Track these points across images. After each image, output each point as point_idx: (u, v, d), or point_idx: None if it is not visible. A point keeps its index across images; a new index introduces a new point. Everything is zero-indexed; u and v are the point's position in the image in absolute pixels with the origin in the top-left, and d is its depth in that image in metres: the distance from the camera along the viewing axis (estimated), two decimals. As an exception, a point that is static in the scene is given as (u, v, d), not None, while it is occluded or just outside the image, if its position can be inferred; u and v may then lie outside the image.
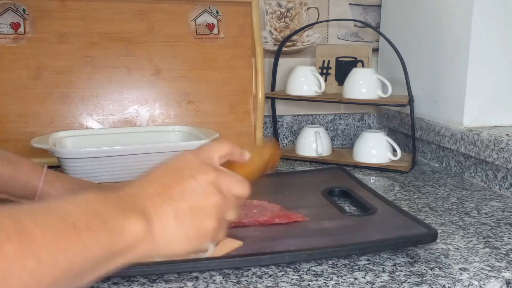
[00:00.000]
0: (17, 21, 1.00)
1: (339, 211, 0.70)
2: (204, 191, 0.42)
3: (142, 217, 0.38)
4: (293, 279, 0.53)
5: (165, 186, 0.41)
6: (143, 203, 0.39)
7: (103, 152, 0.83)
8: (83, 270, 0.34)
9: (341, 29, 1.26)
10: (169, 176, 0.42)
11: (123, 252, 0.37)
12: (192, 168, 0.43)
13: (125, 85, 1.05)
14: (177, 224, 0.40)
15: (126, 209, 0.38)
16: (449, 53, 0.99)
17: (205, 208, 0.42)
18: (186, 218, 0.41)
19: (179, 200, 0.41)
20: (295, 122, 1.25)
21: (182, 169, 0.43)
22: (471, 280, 0.54)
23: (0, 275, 0.28)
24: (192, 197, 0.41)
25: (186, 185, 0.42)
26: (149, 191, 0.41)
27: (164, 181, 0.42)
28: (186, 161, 0.44)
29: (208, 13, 1.11)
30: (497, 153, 0.85)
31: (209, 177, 0.43)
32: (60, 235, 0.32)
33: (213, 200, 0.42)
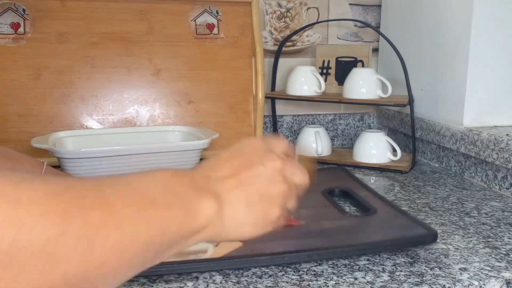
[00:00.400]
0: (17, 21, 1.00)
1: (339, 212, 0.70)
2: (272, 178, 0.43)
3: (215, 198, 0.39)
4: (293, 279, 0.53)
5: (236, 170, 0.41)
6: (215, 185, 0.40)
7: (103, 152, 0.83)
8: (160, 247, 0.34)
9: (341, 29, 1.26)
10: (239, 159, 0.42)
11: (195, 232, 0.37)
12: (261, 154, 0.43)
13: (125, 85, 1.05)
14: (247, 208, 0.41)
15: (200, 189, 0.38)
16: (449, 53, 0.99)
17: (273, 195, 0.42)
18: (255, 203, 0.41)
19: (249, 185, 0.41)
20: (295, 122, 1.25)
21: (251, 155, 0.43)
22: (471, 280, 0.54)
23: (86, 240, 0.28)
24: (261, 183, 0.42)
25: (255, 171, 0.42)
26: (220, 173, 0.41)
27: (235, 164, 0.42)
28: (254, 147, 0.44)
29: (208, 13, 1.11)
30: (497, 153, 0.85)
31: (276, 164, 0.43)
32: (141, 208, 0.32)
33: (279, 187, 0.43)
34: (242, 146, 0.45)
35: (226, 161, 0.42)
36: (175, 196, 0.36)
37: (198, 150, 0.90)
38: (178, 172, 0.39)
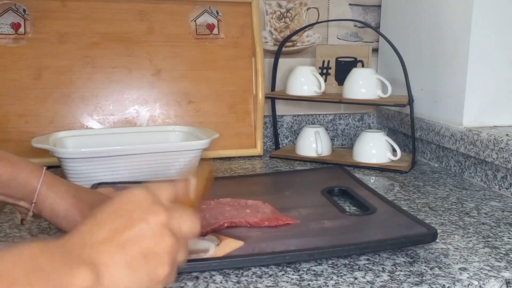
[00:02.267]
0: (18, 21, 1.00)
1: (339, 211, 0.70)
2: (156, 234, 0.39)
3: (91, 269, 0.36)
4: (293, 279, 0.54)
5: (115, 232, 0.38)
6: (92, 254, 0.37)
7: (103, 152, 0.83)
8: None
9: (341, 29, 1.26)
10: (118, 219, 0.39)
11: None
12: (143, 209, 0.40)
13: (125, 85, 1.06)
14: (129, 273, 0.38)
15: (73, 262, 0.35)
16: (449, 53, 0.99)
17: (158, 253, 0.39)
18: (138, 266, 0.38)
19: (130, 247, 0.38)
20: (295, 122, 1.25)
21: (132, 211, 0.40)
22: (471, 280, 0.54)
23: None
24: (143, 243, 0.39)
25: (137, 230, 0.39)
26: (98, 238, 0.38)
27: (114, 225, 0.39)
28: (136, 202, 0.41)
29: (208, 13, 1.11)
30: (496, 153, 0.85)
31: (160, 218, 0.40)
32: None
33: (166, 243, 0.40)
34: (123, 200, 0.41)
35: (104, 222, 0.39)
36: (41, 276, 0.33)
37: (198, 150, 0.90)
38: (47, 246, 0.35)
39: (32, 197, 0.58)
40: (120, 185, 0.81)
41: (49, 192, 0.59)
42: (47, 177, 0.59)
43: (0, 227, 0.68)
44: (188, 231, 0.43)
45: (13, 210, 0.74)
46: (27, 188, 0.58)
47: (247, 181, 0.88)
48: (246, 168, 1.02)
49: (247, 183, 0.87)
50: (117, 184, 0.80)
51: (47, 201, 0.59)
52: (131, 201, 0.41)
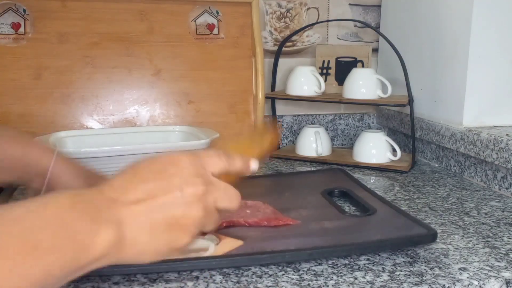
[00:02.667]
0: (18, 21, 1.00)
1: (339, 212, 0.70)
2: (187, 205, 0.40)
3: (115, 227, 0.37)
4: (293, 279, 0.54)
5: (149, 195, 0.39)
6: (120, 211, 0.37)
7: (104, 152, 0.83)
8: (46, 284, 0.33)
9: (341, 29, 1.26)
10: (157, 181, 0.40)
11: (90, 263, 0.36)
12: (183, 177, 0.41)
13: (125, 85, 1.06)
14: (150, 237, 0.39)
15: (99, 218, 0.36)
16: (448, 53, 0.99)
17: (183, 224, 0.40)
18: (161, 233, 0.39)
19: (159, 213, 0.39)
20: (295, 122, 1.25)
21: (172, 177, 0.40)
22: (471, 280, 0.54)
23: None
24: (172, 211, 0.39)
25: (170, 197, 0.40)
26: (130, 197, 0.38)
27: (150, 186, 0.39)
28: (179, 168, 0.41)
29: (208, 13, 1.11)
30: (496, 153, 0.85)
31: (196, 191, 0.41)
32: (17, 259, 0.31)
33: (193, 216, 0.41)
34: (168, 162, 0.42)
35: (143, 179, 0.40)
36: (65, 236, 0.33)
37: (198, 150, 0.90)
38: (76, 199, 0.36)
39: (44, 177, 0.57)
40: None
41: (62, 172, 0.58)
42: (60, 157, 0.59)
43: (0, 227, 0.68)
44: (225, 207, 0.44)
45: (13, 210, 0.74)
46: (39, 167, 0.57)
47: (247, 182, 0.88)
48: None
49: (247, 184, 0.86)
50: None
51: (59, 180, 0.58)
52: (174, 166, 0.41)
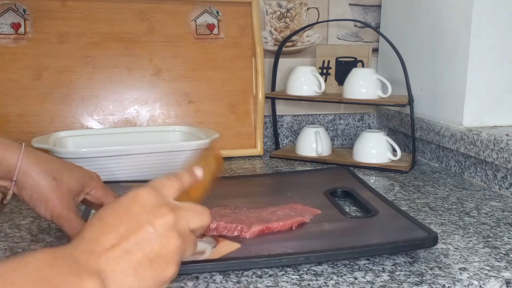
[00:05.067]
0: (18, 21, 1.00)
1: (340, 213, 0.70)
2: (162, 237, 0.40)
3: (97, 278, 0.36)
4: (293, 279, 0.54)
5: (121, 237, 0.38)
6: (99, 262, 0.37)
7: (104, 152, 0.83)
8: None
9: (341, 29, 1.26)
10: (124, 224, 0.39)
11: None
12: (148, 212, 0.40)
13: (125, 85, 1.06)
14: (135, 278, 0.38)
15: (80, 272, 0.36)
16: (449, 53, 0.99)
17: (165, 255, 0.40)
18: (145, 270, 0.39)
19: (137, 252, 0.39)
20: (295, 122, 1.25)
21: (138, 215, 0.40)
22: (471, 280, 0.54)
23: None
24: (150, 247, 0.39)
25: (143, 234, 0.39)
26: (104, 245, 0.38)
27: (119, 231, 0.39)
28: (140, 204, 0.41)
29: (208, 13, 1.11)
30: (496, 153, 0.85)
31: (166, 221, 0.40)
32: None
33: (172, 246, 0.40)
34: (129, 202, 0.41)
35: (110, 227, 0.39)
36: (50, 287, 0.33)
37: (198, 150, 0.90)
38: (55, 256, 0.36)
39: (11, 175, 0.55)
40: (123, 183, 0.81)
41: (30, 171, 0.56)
42: (27, 153, 0.56)
43: (0, 227, 0.68)
44: (197, 226, 0.43)
45: (13, 210, 0.74)
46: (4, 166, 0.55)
47: (248, 182, 0.88)
48: (246, 168, 1.02)
49: (248, 184, 0.86)
50: (119, 183, 0.80)
51: (28, 180, 0.56)
52: (137, 203, 0.41)
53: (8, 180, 0.56)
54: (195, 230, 0.44)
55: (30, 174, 0.56)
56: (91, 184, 0.62)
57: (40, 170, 0.57)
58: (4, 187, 0.57)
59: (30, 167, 0.56)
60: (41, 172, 0.57)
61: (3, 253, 0.60)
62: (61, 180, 0.58)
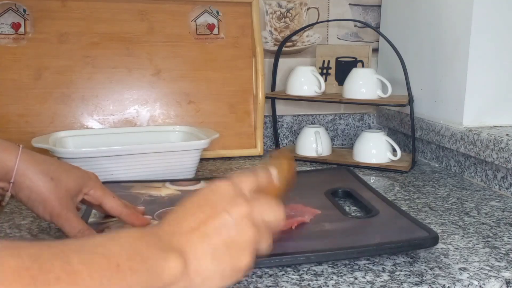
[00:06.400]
0: (18, 21, 1.00)
1: (341, 213, 0.70)
2: (239, 225, 0.42)
3: (180, 256, 0.39)
4: (293, 279, 0.54)
5: (201, 222, 0.41)
6: (180, 241, 0.40)
7: (104, 152, 0.83)
8: None
9: (341, 29, 1.26)
10: (204, 210, 0.42)
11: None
12: (226, 201, 0.42)
13: (125, 85, 1.06)
14: (213, 262, 0.40)
15: (165, 248, 0.38)
16: (449, 53, 0.99)
17: (241, 243, 0.41)
18: (222, 255, 0.41)
19: (215, 236, 0.41)
20: (295, 122, 1.25)
21: (216, 203, 0.42)
22: (471, 280, 0.54)
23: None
24: (227, 233, 0.41)
25: (221, 220, 0.41)
26: (185, 228, 0.41)
27: (199, 216, 0.41)
28: (219, 194, 0.43)
29: (208, 13, 1.11)
30: (496, 153, 0.85)
31: (242, 210, 0.42)
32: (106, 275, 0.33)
33: (247, 234, 0.42)
34: (208, 192, 0.43)
35: (191, 212, 0.42)
36: (140, 260, 0.36)
37: (198, 150, 0.90)
38: (143, 233, 0.39)
39: (9, 176, 0.56)
40: (123, 183, 0.81)
41: (28, 172, 0.56)
42: (24, 155, 0.57)
43: (0, 227, 0.68)
44: (271, 220, 0.45)
45: (13, 210, 0.74)
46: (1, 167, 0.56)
47: None
48: (247, 168, 1.02)
49: None
50: (119, 183, 0.80)
51: (25, 181, 0.56)
52: (216, 193, 0.43)
53: (6, 182, 0.56)
54: (269, 224, 0.45)
55: (28, 175, 0.56)
56: (89, 184, 0.62)
57: (38, 171, 0.57)
58: (1, 189, 0.57)
59: (28, 168, 0.56)
60: (39, 173, 0.57)
61: (3, 253, 0.59)
62: (59, 181, 0.58)
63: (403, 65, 1.02)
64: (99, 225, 0.65)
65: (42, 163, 0.58)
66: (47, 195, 0.57)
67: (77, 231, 0.57)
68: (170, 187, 0.81)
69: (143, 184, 0.82)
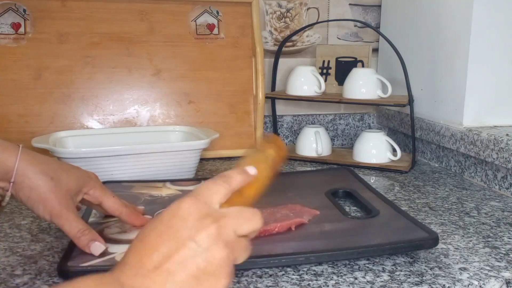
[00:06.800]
0: (18, 21, 1.00)
1: (342, 213, 0.70)
2: (208, 251, 0.38)
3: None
4: (293, 279, 0.54)
5: (164, 258, 0.37)
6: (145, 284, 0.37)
7: (104, 152, 0.83)
8: None
9: (341, 29, 1.26)
10: (165, 243, 0.38)
11: None
12: (190, 227, 0.39)
13: (125, 85, 1.06)
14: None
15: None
16: (449, 53, 0.99)
17: (212, 270, 0.38)
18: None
19: (180, 272, 0.37)
20: (295, 122, 1.25)
21: (179, 231, 0.39)
22: (471, 280, 0.54)
23: None
24: (194, 264, 0.38)
25: (186, 251, 0.38)
26: (147, 267, 0.37)
27: (162, 251, 0.38)
28: (181, 218, 0.39)
29: (208, 13, 1.11)
30: (497, 153, 0.85)
31: (210, 232, 0.39)
32: None
33: (219, 258, 0.38)
34: (170, 217, 0.40)
35: (153, 246, 0.38)
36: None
37: (198, 150, 0.90)
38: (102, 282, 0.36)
39: (9, 176, 0.56)
40: (123, 183, 0.81)
41: (28, 172, 0.56)
42: (24, 155, 0.57)
43: (0, 227, 0.68)
44: (247, 231, 0.41)
45: (13, 210, 0.74)
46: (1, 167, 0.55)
47: None
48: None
49: None
50: (119, 183, 0.80)
51: (25, 181, 0.56)
52: (177, 217, 0.39)
53: (6, 182, 0.56)
54: (246, 235, 0.42)
55: (28, 175, 0.56)
56: (89, 184, 0.62)
57: (38, 171, 0.57)
58: (1, 189, 0.57)
59: (28, 168, 0.56)
60: (39, 172, 0.57)
61: (3, 253, 0.60)
62: (59, 180, 0.58)
63: (403, 65, 1.02)
64: (99, 225, 0.65)
65: (42, 163, 0.58)
66: (47, 195, 0.57)
67: (77, 231, 0.57)
68: (170, 187, 0.81)
69: (144, 184, 0.82)
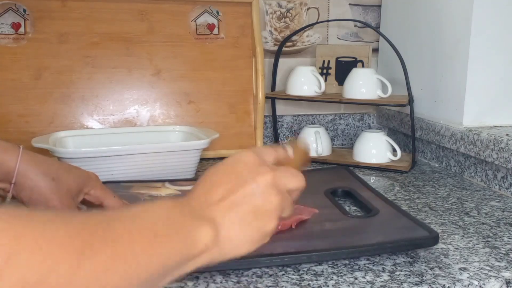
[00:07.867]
0: (18, 21, 1.00)
1: (341, 212, 0.70)
2: (264, 193, 0.44)
3: (211, 225, 0.41)
4: (293, 279, 0.54)
5: (229, 191, 0.43)
6: (211, 211, 0.42)
7: (104, 152, 0.83)
8: (161, 275, 0.37)
9: (341, 29, 1.26)
10: (230, 180, 0.44)
11: (194, 259, 0.39)
12: (251, 170, 0.44)
13: (125, 85, 1.06)
14: (242, 229, 0.42)
15: (198, 217, 0.40)
16: (449, 53, 0.99)
17: (267, 210, 0.44)
18: (250, 222, 0.43)
19: (243, 204, 0.43)
20: (295, 122, 1.25)
21: (241, 172, 0.44)
22: (471, 280, 0.54)
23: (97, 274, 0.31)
24: (254, 201, 0.43)
25: (248, 189, 0.43)
26: (215, 197, 0.43)
27: (226, 186, 0.43)
28: (243, 163, 0.45)
29: (208, 13, 1.11)
30: (497, 153, 0.85)
31: (267, 178, 0.44)
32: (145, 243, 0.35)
33: (273, 201, 0.44)
34: (234, 162, 0.45)
35: (218, 183, 0.44)
36: (175, 228, 0.38)
37: (198, 150, 0.90)
38: (177, 202, 0.41)
39: (10, 177, 0.56)
40: (123, 183, 0.81)
41: (29, 172, 0.57)
42: (25, 155, 0.57)
43: (0, 227, 0.68)
44: (294, 187, 0.47)
45: (13, 210, 0.74)
46: (2, 168, 0.56)
47: None
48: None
49: None
50: (119, 183, 0.80)
51: (26, 182, 0.57)
52: (240, 163, 0.45)
53: (7, 183, 0.57)
54: (292, 192, 0.47)
55: (29, 175, 0.57)
56: (90, 184, 0.62)
57: (39, 172, 0.57)
58: (3, 190, 0.57)
59: (29, 168, 0.57)
60: (40, 173, 0.57)
61: (3, 253, 0.59)
62: (60, 181, 0.58)
63: (403, 65, 1.02)
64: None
65: (43, 164, 0.58)
66: (48, 195, 0.57)
67: None
68: (170, 187, 0.81)
69: (143, 184, 0.82)
